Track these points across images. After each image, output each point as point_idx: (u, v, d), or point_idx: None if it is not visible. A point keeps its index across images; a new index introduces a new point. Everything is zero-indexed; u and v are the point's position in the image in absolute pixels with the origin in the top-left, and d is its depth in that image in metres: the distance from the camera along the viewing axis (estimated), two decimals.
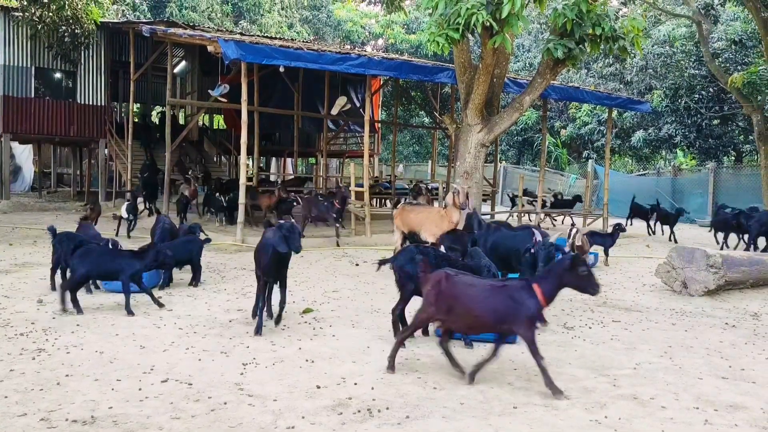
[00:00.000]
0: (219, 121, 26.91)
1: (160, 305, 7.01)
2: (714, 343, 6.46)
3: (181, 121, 25.54)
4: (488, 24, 9.58)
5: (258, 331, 6.05)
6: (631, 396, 4.82)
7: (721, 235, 13.80)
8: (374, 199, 19.00)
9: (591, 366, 5.54)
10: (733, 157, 26.58)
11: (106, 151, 20.32)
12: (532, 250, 6.81)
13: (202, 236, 8.88)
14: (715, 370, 5.56)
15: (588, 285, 4.70)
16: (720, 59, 21.31)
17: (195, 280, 8.39)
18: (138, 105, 25.58)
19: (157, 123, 24.46)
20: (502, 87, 13.18)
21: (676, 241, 14.55)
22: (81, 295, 7.09)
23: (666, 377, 5.29)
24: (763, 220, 12.03)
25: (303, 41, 21.68)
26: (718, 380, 5.28)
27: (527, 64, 29.65)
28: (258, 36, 18.59)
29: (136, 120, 21.12)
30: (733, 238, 13.86)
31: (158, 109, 28.64)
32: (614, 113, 21.25)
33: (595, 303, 7.98)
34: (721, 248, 12.53)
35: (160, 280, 8.09)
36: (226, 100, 15.14)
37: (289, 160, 26.13)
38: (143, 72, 19.19)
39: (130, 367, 5.08)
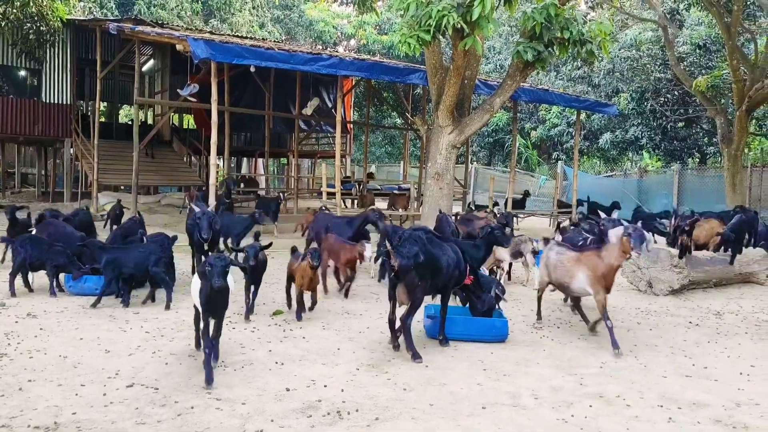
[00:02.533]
0: (189, 121, 26.56)
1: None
2: (678, 341, 6.60)
3: (150, 121, 25.19)
4: (459, 26, 9.63)
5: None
6: (597, 394, 4.89)
7: None
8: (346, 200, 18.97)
9: (558, 365, 5.62)
10: (697, 159, 27.16)
11: (71, 150, 19.91)
12: None
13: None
14: (679, 368, 5.68)
15: None
16: (685, 63, 21.76)
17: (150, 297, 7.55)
18: (105, 104, 25.13)
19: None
20: (473, 88, 13.27)
21: None
22: (45, 298, 6.95)
23: (631, 376, 5.38)
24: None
25: (274, 41, 21.54)
26: (681, 378, 5.39)
27: (498, 66, 29.90)
28: (228, 35, 18.42)
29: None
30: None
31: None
32: (583, 115, 21.59)
33: (563, 303, 8.09)
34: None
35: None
36: (195, 100, 14.96)
37: (260, 160, 25.92)
38: (110, 70, 18.84)
39: (95, 371, 4.98)
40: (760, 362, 5.89)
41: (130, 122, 24.28)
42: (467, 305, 6.61)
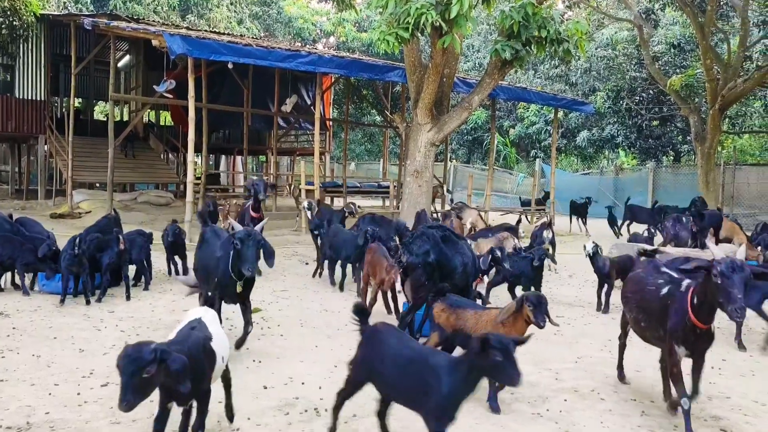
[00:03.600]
0: (166, 118, 26.26)
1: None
2: None
3: (126, 117, 24.87)
4: (437, 24, 9.68)
5: None
6: (572, 389, 4.96)
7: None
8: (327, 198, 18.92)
9: (535, 360, 5.67)
10: (671, 157, 27.60)
11: (45, 147, 19.59)
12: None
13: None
14: (652, 362, 5.75)
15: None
16: (660, 62, 22.08)
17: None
18: (80, 100, 24.75)
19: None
20: (452, 86, 13.33)
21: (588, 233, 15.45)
22: (17, 297, 6.83)
23: (605, 370, 5.46)
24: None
25: (252, 37, 21.34)
26: (654, 372, 5.47)
27: (477, 64, 30.05)
28: (206, 31, 18.25)
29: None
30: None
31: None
32: (560, 114, 21.78)
33: None
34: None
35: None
36: (172, 96, 14.81)
37: (239, 157, 25.75)
38: (85, 66, 18.55)
39: (69, 371, 4.92)
40: (731, 356, 6.02)
41: (105, 118, 23.96)
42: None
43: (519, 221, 12.02)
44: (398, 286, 5.98)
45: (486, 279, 7.35)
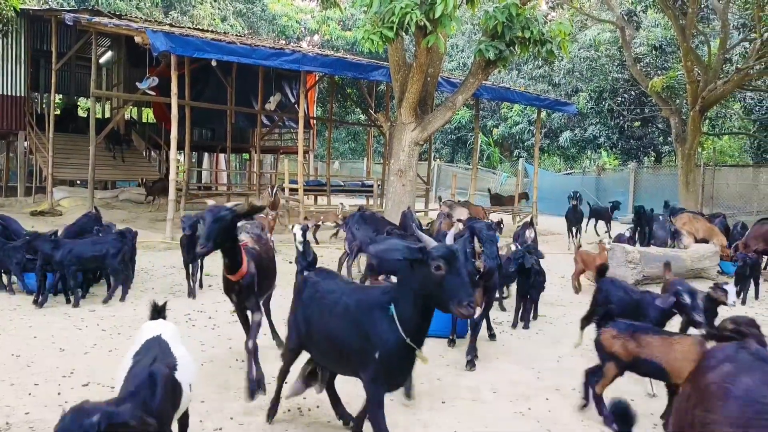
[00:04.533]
0: (148, 115, 26.02)
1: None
2: None
3: (108, 114, 24.60)
4: (422, 23, 9.69)
5: None
6: (554, 388, 5.01)
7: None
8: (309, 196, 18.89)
9: (517, 360, 5.72)
10: (652, 158, 27.91)
11: (25, 143, 19.32)
12: None
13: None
14: None
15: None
16: (641, 64, 22.30)
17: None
18: (60, 96, 24.44)
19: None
20: (436, 86, 13.36)
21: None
22: None
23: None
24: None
25: (236, 35, 21.21)
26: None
27: (461, 64, 30.14)
28: (189, 28, 18.11)
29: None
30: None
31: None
32: (543, 114, 21.93)
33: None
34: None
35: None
36: (155, 93, 14.68)
37: (222, 155, 25.60)
38: (66, 62, 18.32)
39: (49, 370, 4.87)
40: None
41: (86, 115, 23.68)
42: None
43: (500, 221, 12.07)
44: None
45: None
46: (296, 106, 19.53)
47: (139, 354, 3.02)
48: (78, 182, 19.40)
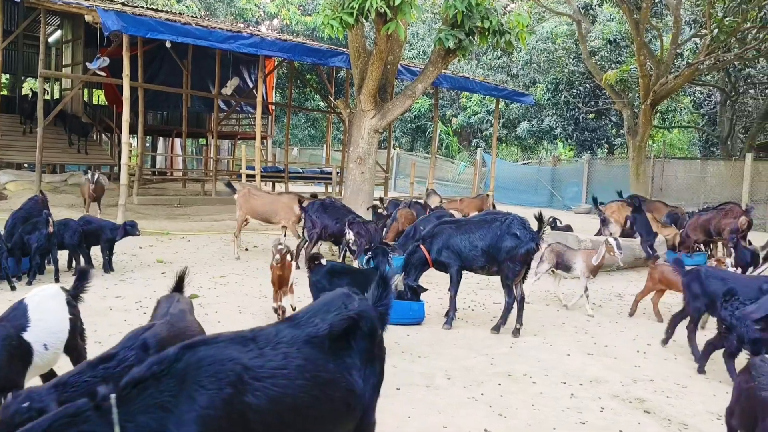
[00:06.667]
0: (99, 97, 25.23)
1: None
2: (582, 322, 6.97)
3: (57, 96, 23.75)
4: (382, 10, 9.63)
5: None
6: (506, 373, 5.10)
7: None
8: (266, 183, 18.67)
9: (471, 346, 5.80)
10: (606, 150, 28.58)
11: None
12: None
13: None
14: (582, 347, 6.00)
15: None
16: (596, 57, 22.75)
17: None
18: (7, 76, 23.49)
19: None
20: (396, 74, 13.31)
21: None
22: None
23: (538, 354, 5.64)
24: None
25: (192, 16, 20.69)
26: (584, 356, 5.70)
27: (421, 53, 30.17)
28: (142, 8, 17.58)
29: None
30: None
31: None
32: (501, 104, 22.17)
33: (479, 286, 8.34)
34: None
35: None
36: (105, 74, 14.23)
37: (177, 140, 25.05)
38: (13, 40, 17.56)
39: None
40: (656, 341, 6.30)
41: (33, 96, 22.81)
42: None
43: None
44: None
45: None
46: (254, 91, 19.26)
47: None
48: (26, 165, 18.68)
